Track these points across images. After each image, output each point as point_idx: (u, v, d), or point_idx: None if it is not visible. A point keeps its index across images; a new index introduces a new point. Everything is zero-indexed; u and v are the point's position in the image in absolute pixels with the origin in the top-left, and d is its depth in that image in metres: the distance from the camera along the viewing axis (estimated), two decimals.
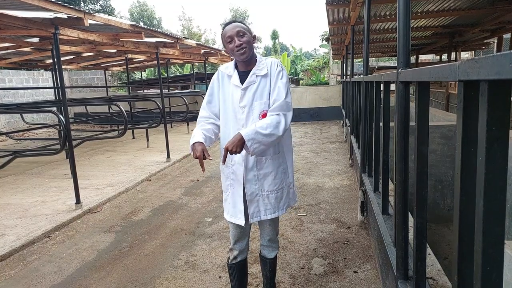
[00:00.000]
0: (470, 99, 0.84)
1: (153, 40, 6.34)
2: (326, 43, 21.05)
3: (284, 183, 1.99)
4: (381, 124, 2.48)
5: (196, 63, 15.34)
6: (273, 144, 1.85)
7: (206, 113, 2.00)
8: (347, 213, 3.80)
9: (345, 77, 10.53)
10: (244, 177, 1.90)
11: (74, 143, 4.76)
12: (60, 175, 5.76)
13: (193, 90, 13.72)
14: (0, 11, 3.70)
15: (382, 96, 2.46)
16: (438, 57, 15.00)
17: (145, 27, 5.51)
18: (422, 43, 10.97)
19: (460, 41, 10.49)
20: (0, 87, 11.84)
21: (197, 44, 7.90)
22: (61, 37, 4.70)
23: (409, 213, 1.61)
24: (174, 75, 18.66)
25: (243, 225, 1.94)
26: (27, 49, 6.73)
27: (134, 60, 9.88)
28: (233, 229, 2.05)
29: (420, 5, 5.95)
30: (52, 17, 4.01)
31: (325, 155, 6.75)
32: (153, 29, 5.76)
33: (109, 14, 16.17)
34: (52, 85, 9.77)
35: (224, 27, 1.88)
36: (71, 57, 8.30)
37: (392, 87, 2.02)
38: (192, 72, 15.69)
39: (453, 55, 11.88)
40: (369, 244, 3.05)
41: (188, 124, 10.92)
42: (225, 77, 1.97)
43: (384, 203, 2.31)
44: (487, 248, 0.75)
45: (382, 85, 2.48)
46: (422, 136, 1.28)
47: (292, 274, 2.63)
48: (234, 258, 2.09)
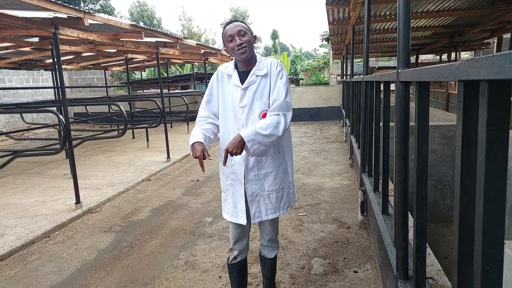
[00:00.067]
0: (470, 99, 0.84)
1: (153, 40, 6.34)
2: (326, 43, 21.04)
3: (284, 183, 1.99)
4: (381, 124, 2.48)
5: (196, 63, 15.33)
6: (273, 145, 1.85)
7: (205, 112, 2.00)
8: (347, 213, 3.80)
9: (345, 77, 10.53)
10: (245, 177, 1.90)
11: (74, 143, 4.76)
12: (60, 175, 5.76)
13: (193, 90, 13.72)
14: (0, 10, 3.70)
15: (382, 96, 2.46)
16: (438, 57, 15.00)
17: (145, 27, 5.51)
18: (422, 43, 10.97)
19: (460, 41, 10.49)
20: (0, 86, 11.84)
21: (197, 44, 7.90)
22: (61, 37, 4.70)
23: (409, 213, 1.61)
24: (174, 75, 18.66)
25: (245, 224, 1.95)
26: (27, 49, 6.73)
27: (134, 60, 9.88)
28: (233, 229, 2.05)
29: (420, 5, 5.95)
30: (52, 17, 4.01)
31: (325, 155, 6.75)
32: (153, 29, 5.76)
33: (109, 14, 16.17)
34: (52, 85, 9.77)
35: (225, 26, 1.88)
36: (71, 57, 8.30)
37: (392, 87, 2.02)
38: (192, 72, 15.70)
39: (453, 55, 11.88)
40: (369, 244, 3.05)
41: (188, 124, 10.92)
42: (224, 77, 1.96)
43: (384, 203, 2.31)
44: (487, 248, 0.75)
45: (382, 85, 2.48)
46: (422, 136, 1.28)
47: (292, 274, 2.64)
48: (234, 258, 2.09)
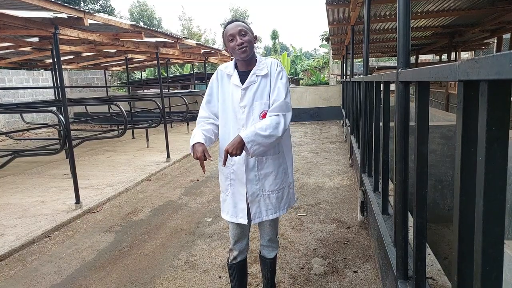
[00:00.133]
0: (470, 99, 0.84)
1: (153, 40, 6.34)
2: (326, 43, 21.04)
3: (284, 183, 1.99)
4: (381, 124, 2.48)
5: (196, 63, 15.33)
6: (273, 145, 1.85)
7: (205, 113, 2.00)
8: (347, 213, 3.80)
9: (345, 77, 10.53)
10: (245, 177, 1.90)
11: (74, 143, 4.76)
12: (60, 175, 5.76)
13: (193, 90, 13.72)
14: (0, 10, 3.70)
15: (382, 96, 2.46)
16: (438, 57, 15.00)
17: (145, 27, 5.51)
18: (422, 43, 10.97)
19: (460, 41, 10.49)
20: (0, 86, 11.84)
21: (197, 44, 7.90)
22: (61, 37, 4.70)
23: (409, 213, 1.61)
24: (174, 75, 18.66)
25: (245, 223, 1.95)
26: (27, 48, 6.73)
27: (134, 60, 9.87)
28: (233, 229, 2.04)
29: (420, 5, 5.95)
30: (52, 16, 4.01)
31: (325, 155, 6.75)
32: (153, 29, 5.76)
33: (109, 14, 16.17)
34: (52, 85, 9.77)
35: (226, 25, 1.88)
36: (71, 57, 8.30)
37: (392, 87, 2.02)
38: (192, 72, 15.70)
39: (453, 55, 11.89)
40: (369, 244, 3.05)
41: (188, 124, 10.92)
42: (224, 77, 1.96)
43: (384, 203, 2.31)
44: (487, 248, 0.75)
45: (382, 85, 2.48)
46: (422, 136, 1.28)
47: (292, 274, 2.64)
48: (234, 258, 2.09)
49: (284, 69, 1.93)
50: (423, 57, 18.58)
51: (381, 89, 2.53)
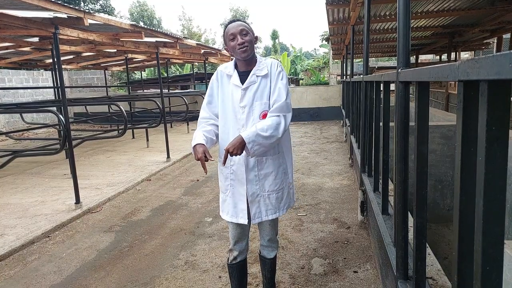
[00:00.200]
0: (470, 99, 0.84)
1: (153, 40, 6.34)
2: (326, 43, 21.03)
3: (284, 183, 1.99)
4: (381, 124, 2.48)
5: (196, 63, 15.33)
6: (273, 146, 1.86)
7: (206, 113, 2.00)
8: (347, 213, 3.80)
9: (345, 77, 10.53)
10: (245, 177, 1.90)
11: (74, 143, 4.76)
12: (60, 175, 5.76)
13: (193, 90, 13.72)
14: (0, 10, 3.70)
15: (382, 96, 2.46)
16: (438, 57, 15.00)
17: (145, 27, 5.51)
18: (422, 43, 10.97)
19: (460, 41, 10.49)
20: (0, 86, 11.83)
21: (197, 44, 7.89)
22: (61, 36, 4.70)
23: (409, 213, 1.61)
24: (174, 75, 18.66)
25: (246, 223, 1.95)
26: (27, 48, 6.72)
27: (134, 60, 9.87)
28: (232, 230, 2.04)
29: (420, 5, 5.95)
30: (52, 16, 4.01)
31: (325, 155, 6.75)
32: (153, 29, 5.76)
33: (109, 14, 16.16)
34: (52, 85, 9.77)
35: (227, 24, 1.88)
36: (71, 56, 8.30)
37: (392, 87, 2.02)
38: (192, 72, 15.69)
39: (453, 55, 11.89)
40: (369, 244, 3.05)
41: (188, 124, 10.92)
42: (224, 77, 1.96)
43: (384, 203, 2.31)
44: (487, 248, 0.75)
45: (382, 85, 2.48)
46: (422, 136, 1.28)
47: (292, 274, 2.64)
48: (234, 258, 2.09)
49: (284, 70, 1.94)
50: (423, 57, 18.58)
51: (381, 89, 2.53)
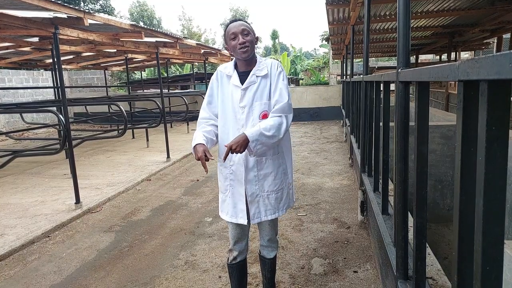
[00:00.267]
0: (470, 99, 0.84)
1: (153, 40, 6.34)
2: (326, 43, 21.03)
3: (284, 184, 1.99)
4: (381, 124, 2.48)
5: (196, 63, 15.33)
6: (274, 146, 1.86)
7: (206, 114, 1.99)
8: (347, 213, 3.80)
9: (345, 77, 10.53)
10: (244, 178, 1.90)
11: (74, 143, 4.76)
12: (60, 175, 5.76)
13: (193, 90, 13.72)
14: (0, 10, 3.70)
15: (382, 96, 2.46)
16: (438, 57, 15.00)
17: (145, 27, 5.51)
18: (422, 43, 10.97)
19: (460, 41, 10.50)
20: (0, 86, 11.83)
21: (197, 44, 7.89)
22: (61, 36, 4.70)
23: (409, 213, 1.61)
24: (174, 75, 18.66)
25: (245, 224, 1.94)
26: (27, 48, 6.72)
27: (134, 60, 9.87)
28: (232, 230, 2.04)
29: (420, 5, 5.95)
30: (52, 16, 4.01)
31: (325, 155, 6.75)
32: (153, 29, 5.75)
33: (109, 14, 16.16)
34: (52, 85, 9.77)
35: (228, 24, 1.88)
36: (71, 56, 8.30)
37: (392, 87, 2.02)
38: (192, 72, 15.69)
39: (453, 55, 11.89)
40: (369, 244, 3.05)
41: (188, 124, 10.92)
42: (224, 77, 1.96)
43: (384, 203, 2.31)
44: (486, 248, 0.75)
45: (382, 85, 2.48)
46: (422, 136, 1.28)
47: (292, 274, 2.64)
48: (234, 258, 2.09)
49: (284, 70, 1.94)
50: (423, 57, 18.58)
51: (381, 89, 2.53)
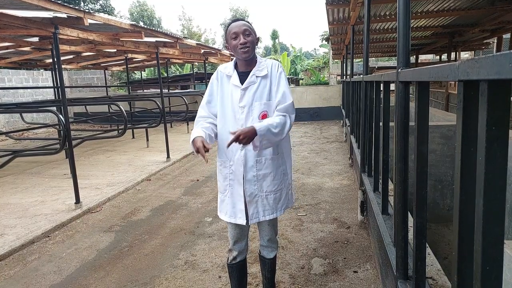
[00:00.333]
0: (470, 99, 0.84)
1: (153, 39, 6.33)
2: (326, 43, 21.03)
3: (283, 184, 1.99)
4: (381, 124, 2.48)
5: (196, 63, 15.32)
6: (276, 144, 1.87)
7: (205, 112, 1.99)
8: (347, 213, 3.80)
9: (345, 77, 10.53)
10: (243, 178, 1.90)
11: (73, 142, 4.76)
12: (60, 175, 5.76)
13: (193, 90, 13.72)
14: (0, 10, 3.70)
15: (382, 96, 2.46)
16: (438, 57, 15.00)
17: (145, 26, 5.51)
18: (422, 43, 10.97)
19: (460, 41, 10.50)
20: (0, 86, 11.83)
21: (197, 44, 7.89)
22: (60, 36, 4.70)
23: (409, 213, 1.61)
24: (174, 74, 18.65)
25: (244, 224, 1.94)
26: (27, 48, 6.72)
27: (134, 59, 9.87)
28: (232, 230, 2.04)
29: (420, 5, 5.95)
30: (51, 16, 4.01)
31: (325, 155, 6.75)
32: (153, 28, 5.75)
33: (109, 14, 16.15)
34: (51, 85, 9.76)
35: (230, 23, 1.88)
36: (71, 56, 8.30)
37: (392, 87, 2.02)
38: (192, 72, 15.69)
39: (453, 55, 11.89)
40: (369, 244, 3.05)
41: (188, 124, 10.92)
42: (224, 77, 1.96)
43: (384, 203, 2.31)
44: (486, 248, 0.75)
45: (382, 85, 2.48)
46: (422, 136, 1.28)
47: (292, 274, 2.64)
48: (234, 258, 2.09)
49: (284, 70, 1.94)
50: (423, 57, 18.58)
51: (381, 89, 2.53)
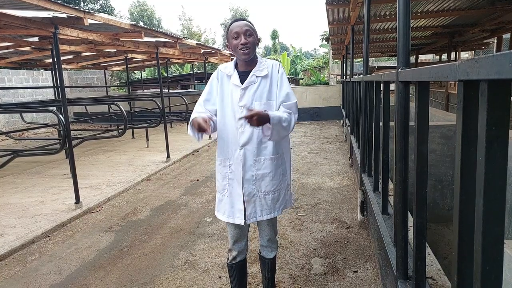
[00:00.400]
0: (470, 99, 0.84)
1: (153, 39, 6.33)
2: (326, 43, 21.03)
3: (282, 185, 1.98)
4: (381, 123, 2.48)
5: (196, 63, 15.33)
6: (280, 139, 1.88)
7: (202, 109, 1.98)
8: (347, 212, 3.80)
9: (345, 77, 10.54)
10: (242, 177, 1.90)
11: (73, 142, 4.75)
12: (60, 175, 5.76)
13: (193, 90, 13.71)
14: (0, 10, 3.70)
15: (382, 96, 2.46)
16: (438, 57, 15.00)
17: (145, 26, 5.51)
18: (422, 43, 10.97)
19: (460, 41, 10.50)
20: (0, 86, 11.83)
21: (197, 43, 7.89)
22: (60, 36, 4.69)
23: (408, 212, 1.61)
24: (174, 74, 18.65)
25: (242, 224, 1.94)
26: (27, 48, 6.72)
27: (134, 59, 9.87)
28: (231, 230, 2.04)
29: (420, 5, 5.95)
30: (51, 16, 4.01)
31: (325, 155, 6.75)
32: (153, 28, 5.75)
33: (109, 14, 16.15)
34: (51, 85, 9.76)
35: (232, 22, 1.88)
36: (71, 56, 8.30)
37: (392, 87, 2.02)
38: (192, 72, 15.68)
39: (453, 55, 11.89)
40: (368, 244, 3.05)
41: (188, 124, 10.90)
42: (224, 77, 1.96)
43: (384, 202, 2.31)
44: (486, 248, 0.75)
45: (382, 85, 2.49)
46: (422, 136, 1.28)
47: (292, 273, 2.64)
48: (234, 258, 2.09)
49: (284, 71, 1.95)
50: (423, 57, 18.57)
51: (381, 89, 2.53)
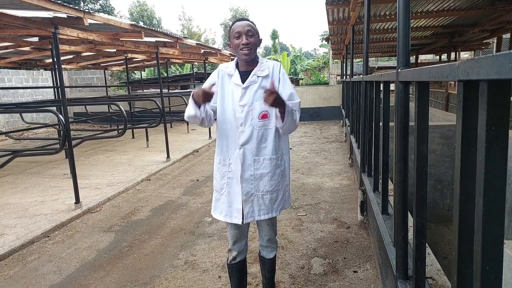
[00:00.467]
0: (470, 99, 0.84)
1: (153, 39, 6.33)
2: (326, 43, 21.03)
3: (280, 185, 1.98)
4: (381, 124, 2.48)
5: (196, 63, 15.33)
6: (287, 131, 1.88)
7: None
8: (346, 212, 3.80)
9: (345, 77, 10.54)
10: (241, 176, 1.90)
11: (73, 142, 4.76)
12: (60, 175, 5.75)
13: (193, 90, 13.70)
14: (0, 10, 3.70)
15: (381, 96, 2.46)
16: (438, 57, 15.00)
17: (145, 26, 5.51)
18: (422, 43, 10.97)
19: (459, 41, 10.50)
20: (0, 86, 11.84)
21: (197, 43, 7.89)
22: (60, 36, 4.69)
23: (408, 213, 1.61)
24: (174, 74, 18.65)
25: (240, 224, 1.94)
26: (27, 48, 6.72)
27: (134, 59, 9.87)
28: (231, 230, 2.04)
29: (420, 5, 5.95)
30: (51, 16, 4.01)
31: (324, 155, 6.75)
32: (153, 28, 5.75)
33: (108, 14, 16.15)
34: (51, 85, 9.76)
35: (235, 22, 1.88)
36: (71, 56, 8.30)
37: (392, 87, 2.02)
38: (192, 72, 15.68)
39: (453, 55, 11.89)
40: (368, 244, 3.05)
41: (188, 124, 10.91)
42: (225, 76, 1.96)
43: (384, 202, 2.31)
44: (486, 248, 0.75)
45: (381, 85, 2.49)
46: (421, 136, 1.28)
47: (292, 273, 2.64)
48: (233, 258, 2.09)
49: (285, 71, 1.96)
50: (423, 57, 18.57)
51: (381, 89, 2.53)
